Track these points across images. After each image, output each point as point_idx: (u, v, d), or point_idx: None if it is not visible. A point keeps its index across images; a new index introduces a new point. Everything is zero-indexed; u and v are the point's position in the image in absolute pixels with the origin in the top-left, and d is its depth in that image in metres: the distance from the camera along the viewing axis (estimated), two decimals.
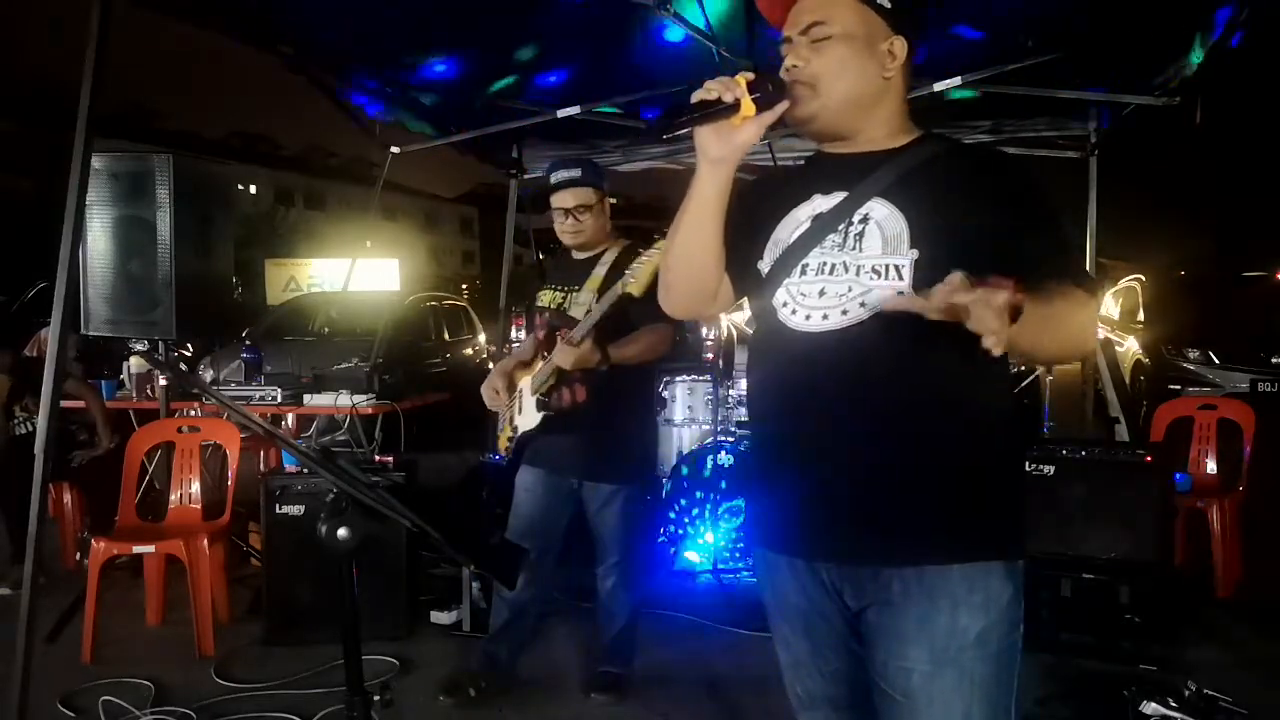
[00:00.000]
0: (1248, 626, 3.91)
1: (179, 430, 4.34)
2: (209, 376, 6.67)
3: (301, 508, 3.78)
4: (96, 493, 4.82)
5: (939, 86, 4.40)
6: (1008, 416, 1.62)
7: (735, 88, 1.49)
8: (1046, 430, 5.34)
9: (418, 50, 4.56)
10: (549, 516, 3.25)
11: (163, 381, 4.72)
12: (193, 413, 5.25)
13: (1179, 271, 12.19)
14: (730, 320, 5.70)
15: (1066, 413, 5.92)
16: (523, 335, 3.54)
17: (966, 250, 1.46)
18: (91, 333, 4.23)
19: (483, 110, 5.26)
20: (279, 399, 4.85)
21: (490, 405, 3.33)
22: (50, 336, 2.93)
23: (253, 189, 42.28)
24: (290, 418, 5.14)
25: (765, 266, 1.61)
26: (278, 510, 3.81)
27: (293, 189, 46.76)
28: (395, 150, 5.46)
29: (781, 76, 1.56)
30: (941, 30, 4.14)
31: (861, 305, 1.49)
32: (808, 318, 1.53)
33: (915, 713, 1.49)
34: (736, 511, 4.55)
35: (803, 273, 1.56)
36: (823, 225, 1.57)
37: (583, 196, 3.17)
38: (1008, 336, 1.26)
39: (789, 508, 1.59)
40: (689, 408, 5.15)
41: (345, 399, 4.75)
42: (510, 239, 6.64)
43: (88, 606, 3.66)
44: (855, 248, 1.53)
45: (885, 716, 1.54)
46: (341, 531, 1.51)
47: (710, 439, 4.84)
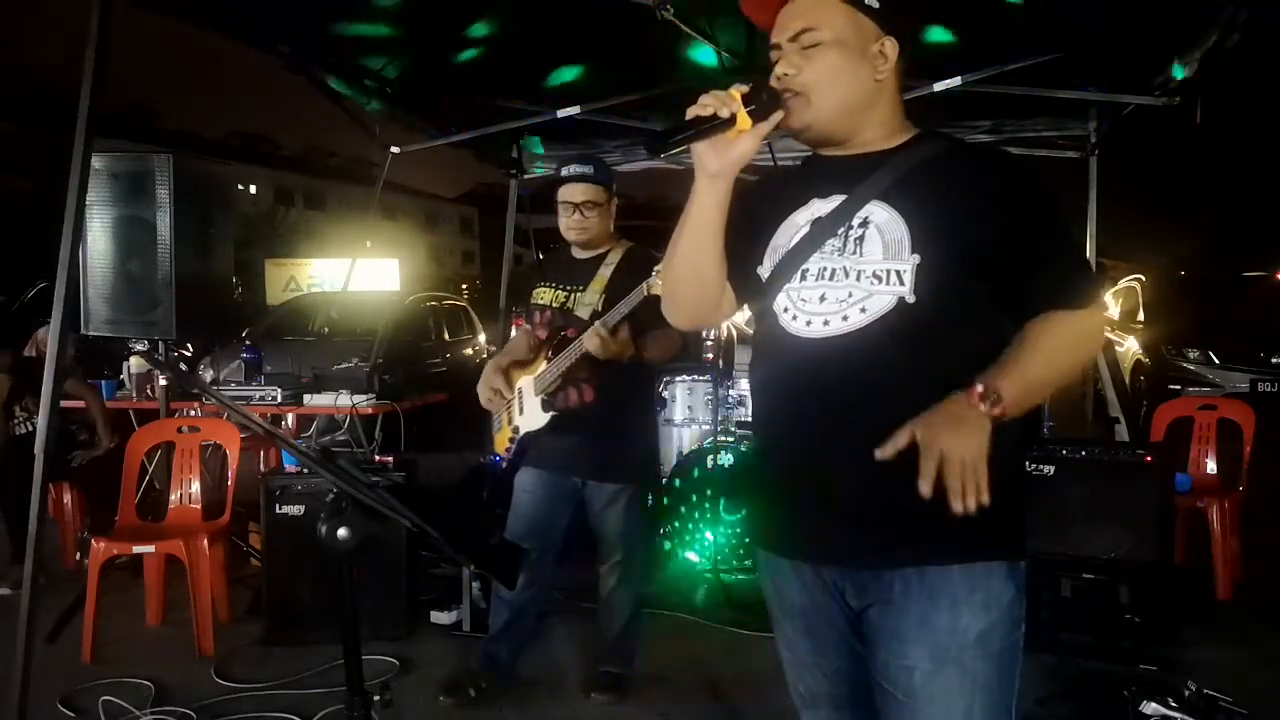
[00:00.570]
0: (1248, 626, 3.91)
1: (179, 430, 4.34)
2: (209, 376, 6.67)
3: (301, 508, 3.78)
4: (96, 493, 4.82)
5: (939, 87, 4.40)
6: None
7: (731, 102, 1.48)
8: (1046, 430, 5.34)
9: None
10: (549, 516, 3.24)
11: (163, 381, 4.72)
12: (193, 413, 5.25)
13: (1179, 271, 12.21)
14: (730, 321, 5.69)
15: (1066, 413, 5.90)
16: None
17: (968, 254, 1.47)
18: (91, 333, 4.23)
19: (483, 110, 5.25)
20: (279, 399, 4.85)
21: (487, 406, 3.28)
22: (50, 336, 2.93)
23: (253, 189, 42.30)
24: (290, 418, 5.14)
25: (765, 272, 1.61)
26: (278, 510, 3.82)
27: (293, 189, 46.77)
28: (395, 150, 5.45)
29: (773, 85, 1.55)
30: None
31: (862, 311, 1.49)
32: (808, 323, 1.53)
33: (917, 712, 1.49)
34: (736, 511, 4.55)
35: (803, 278, 1.55)
36: (821, 230, 1.56)
37: (592, 193, 3.16)
38: (1009, 414, 1.37)
39: (791, 512, 1.59)
40: (689, 408, 5.16)
41: (345, 399, 4.74)
42: (510, 239, 6.64)
43: (88, 606, 3.66)
44: (855, 252, 1.52)
45: (887, 716, 1.54)
46: (341, 531, 1.51)
47: (710, 439, 4.84)
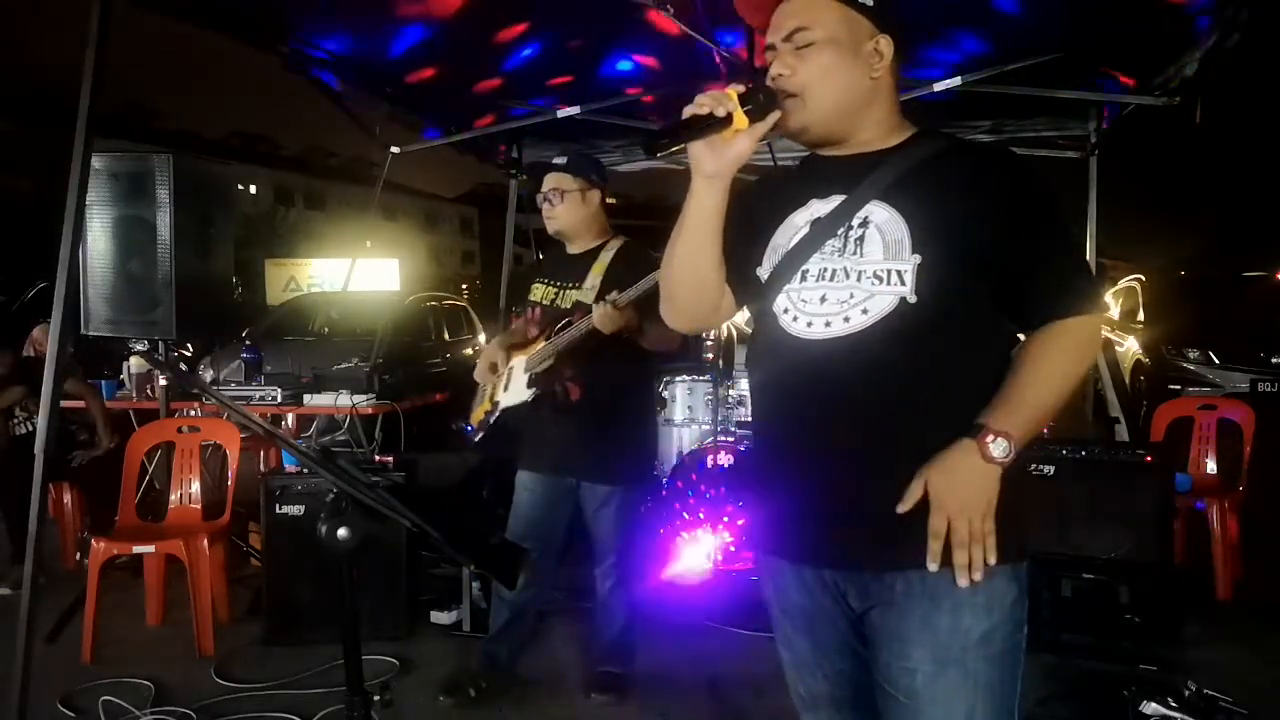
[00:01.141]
0: (1248, 626, 3.91)
1: (179, 430, 4.34)
2: (209, 376, 6.67)
3: (301, 508, 3.78)
4: (96, 493, 4.82)
5: (939, 87, 4.40)
6: None
7: (727, 101, 1.47)
8: (1046, 430, 5.33)
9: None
10: (549, 516, 3.24)
11: (163, 381, 4.72)
12: (193, 413, 5.25)
13: (1179, 271, 12.20)
14: (730, 321, 5.69)
15: (1066, 413, 5.89)
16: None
17: (968, 254, 1.47)
18: (91, 333, 4.23)
19: (483, 110, 5.25)
20: (279, 399, 4.85)
21: (479, 379, 3.34)
22: (50, 336, 2.93)
23: (253, 189, 42.28)
24: (290, 418, 5.14)
25: (764, 273, 1.60)
26: (278, 510, 3.82)
27: (293, 189, 46.74)
28: (395, 150, 5.45)
29: (768, 85, 1.54)
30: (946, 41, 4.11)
31: (864, 312, 1.48)
32: (809, 324, 1.52)
33: (918, 713, 1.49)
34: (736, 511, 4.55)
35: (803, 279, 1.55)
36: (821, 230, 1.55)
37: (559, 181, 3.18)
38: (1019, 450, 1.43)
39: (792, 515, 1.58)
40: (689, 408, 5.15)
41: (345, 399, 4.74)
42: (510, 239, 6.64)
43: (88, 606, 3.66)
44: (856, 253, 1.51)
45: (888, 717, 1.53)
46: (341, 531, 1.51)
47: (710, 439, 4.84)
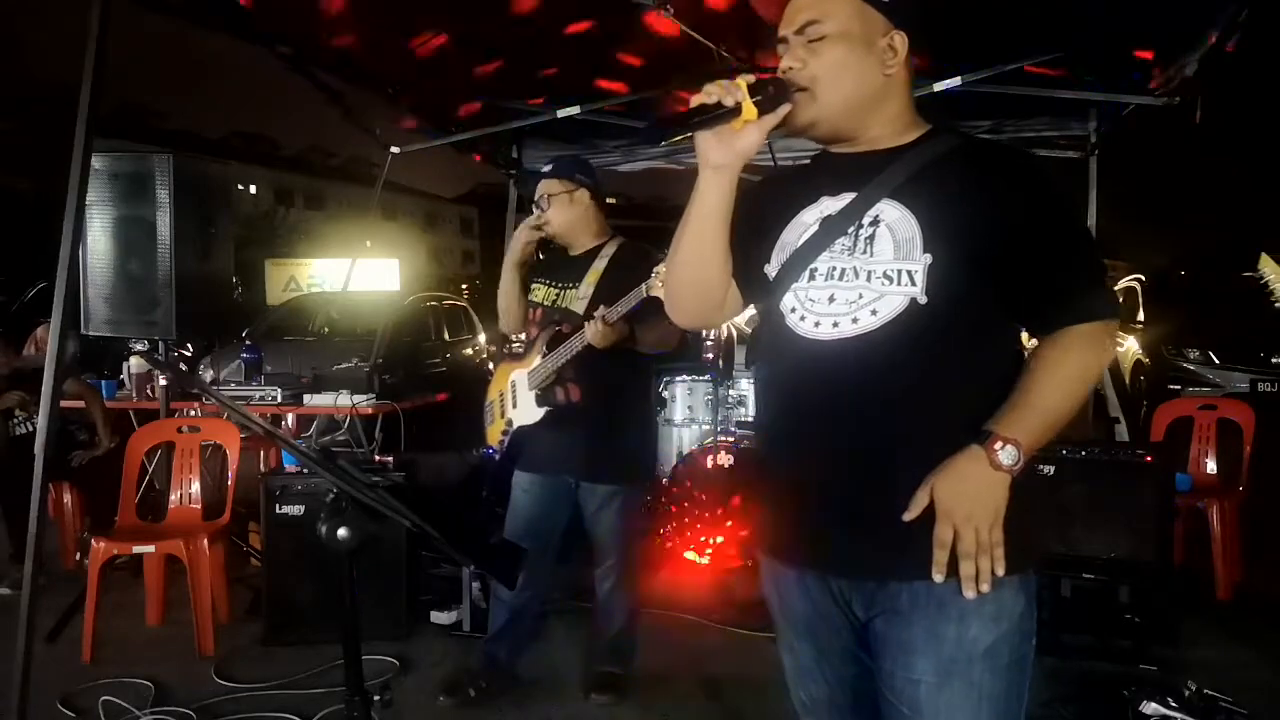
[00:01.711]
0: (1248, 626, 3.91)
1: (179, 430, 4.34)
2: (209, 376, 6.66)
3: (301, 508, 3.78)
4: (96, 493, 4.81)
5: (939, 86, 4.39)
6: None
7: (736, 91, 1.44)
8: None
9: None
10: (547, 517, 3.24)
11: (163, 381, 4.72)
12: (193, 413, 5.25)
13: (1179, 271, 12.16)
14: (731, 321, 5.69)
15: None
16: (522, 336, 3.54)
17: (980, 255, 1.43)
18: (91, 333, 4.23)
19: (483, 110, 5.25)
20: (279, 399, 4.86)
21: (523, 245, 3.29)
22: (50, 336, 2.93)
23: (253, 189, 42.25)
24: (290, 418, 5.14)
25: (772, 271, 1.56)
26: (278, 510, 3.82)
27: (293, 189, 46.70)
28: (395, 150, 5.45)
29: (780, 78, 1.51)
30: None
31: (873, 313, 1.44)
32: (817, 324, 1.48)
33: None
34: (736, 511, 4.55)
35: (811, 278, 1.51)
36: (831, 228, 1.52)
37: (545, 187, 3.24)
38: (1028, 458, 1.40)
39: (796, 519, 1.54)
40: (689, 408, 5.16)
41: (345, 399, 4.75)
42: (510, 239, 6.62)
43: (88, 606, 3.66)
44: (866, 252, 1.47)
45: None
46: (341, 531, 1.51)
47: (710, 439, 4.84)
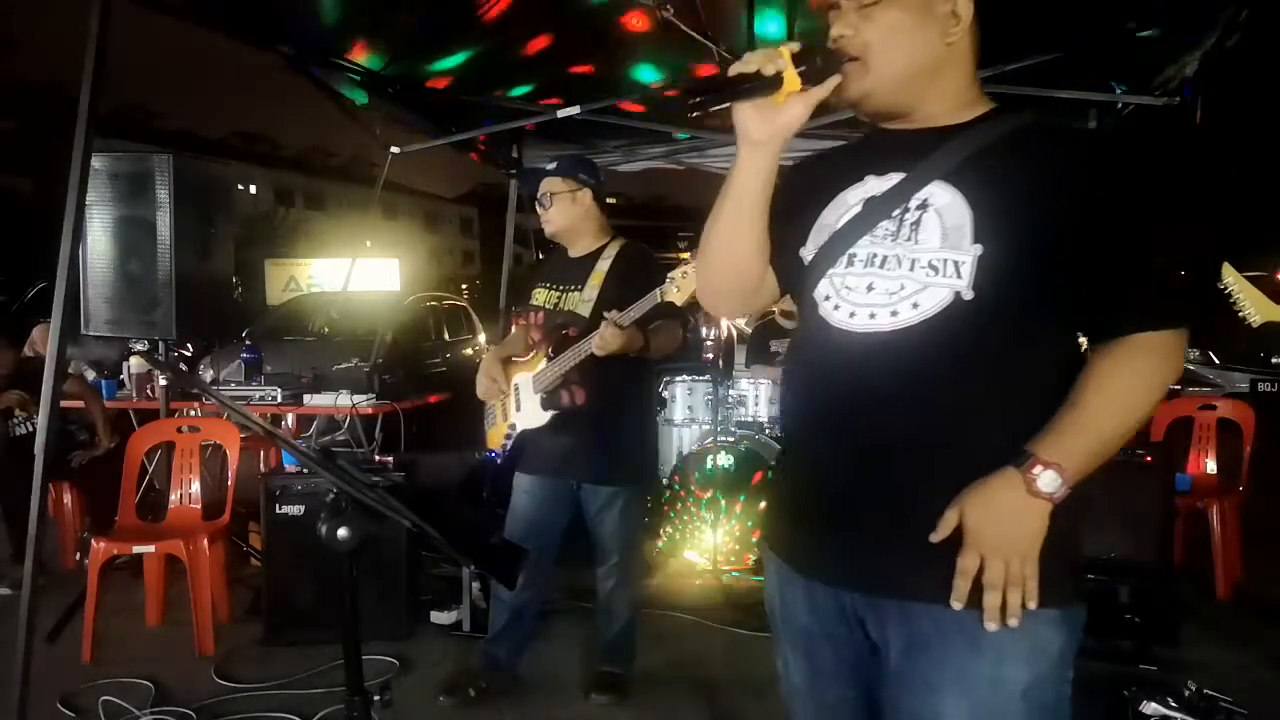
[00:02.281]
0: (1248, 626, 3.91)
1: (179, 430, 4.34)
2: (209, 376, 6.66)
3: (301, 508, 3.79)
4: (96, 493, 4.82)
5: None
6: None
7: (778, 59, 1.31)
8: None
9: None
10: (547, 517, 3.25)
11: (163, 381, 4.72)
12: (193, 413, 5.25)
13: (1179, 271, 12.18)
14: (730, 321, 5.69)
15: None
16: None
17: (1037, 249, 1.29)
18: (91, 333, 4.23)
19: (482, 110, 5.25)
20: (279, 399, 4.86)
21: (484, 396, 3.35)
22: (50, 336, 2.93)
23: (253, 189, 42.23)
24: (290, 418, 5.14)
25: (808, 254, 1.44)
26: (278, 510, 3.82)
27: (293, 189, 46.68)
28: (395, 150, 5.45)
29: (829, 47, 1.38)
30: None
31: (914, 306, 1.31)
32: (852, 315, 1.36)
33: None
34: (737, 512, 4.55)
35: (849, 263, 1.38)
36: (874, 210, 1.39)
37: (548, 185, 3.23)
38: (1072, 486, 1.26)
39: (813, 524, 1.42)
40: (689, 408, 5.16)
41: (345, 399, 4.75)
42: (510, 239, 6.64)
43: (88, 606, 3.66)
44: (910, 238, 1.34)
45: None
46: (341, 531, 1.51)
47: (710, 439, 4.84)
